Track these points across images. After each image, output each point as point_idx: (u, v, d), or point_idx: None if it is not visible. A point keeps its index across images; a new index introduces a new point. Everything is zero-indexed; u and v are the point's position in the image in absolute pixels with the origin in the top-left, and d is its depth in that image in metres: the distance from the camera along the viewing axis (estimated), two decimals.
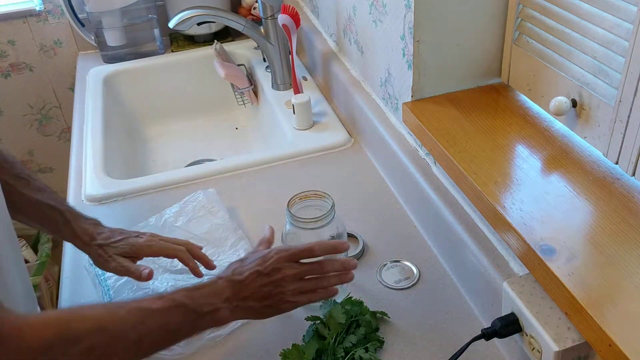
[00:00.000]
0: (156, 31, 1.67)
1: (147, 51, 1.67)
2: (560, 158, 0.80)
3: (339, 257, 0.82)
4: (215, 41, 1.57)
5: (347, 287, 0.88)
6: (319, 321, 0.85)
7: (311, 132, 1.29)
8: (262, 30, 1.41)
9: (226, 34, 1.73)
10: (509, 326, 0.71)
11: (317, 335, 0.83)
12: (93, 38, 1.68)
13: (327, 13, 1.41)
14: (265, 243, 0.83)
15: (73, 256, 1.02)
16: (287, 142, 1.28)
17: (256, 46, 1.58)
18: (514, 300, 0.70)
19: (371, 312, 0.86)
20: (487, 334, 0.73)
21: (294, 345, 0.82)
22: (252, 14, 1.71)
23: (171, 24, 1.34)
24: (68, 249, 1.04)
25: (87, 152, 1.27)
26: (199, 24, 1.39)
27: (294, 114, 1.29)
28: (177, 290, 0.71)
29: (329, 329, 0.82)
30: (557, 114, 0.80)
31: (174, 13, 1.35)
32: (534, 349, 0.68)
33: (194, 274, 0.89)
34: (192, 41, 1.72)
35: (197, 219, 1.04)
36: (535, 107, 0.90)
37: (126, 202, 1.14)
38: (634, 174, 0.72)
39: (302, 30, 1.54)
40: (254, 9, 1.70)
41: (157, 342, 0.69)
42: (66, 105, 1.85)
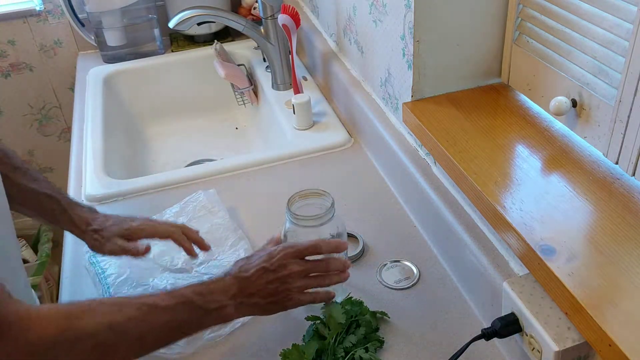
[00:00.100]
0: (156, 31, 1.67)
1: (147, 51, 1.67)
2: (560, 158, 0.80)
3: (337, 256, 0.82)
4: (215, 41, 1.57)
5: (347, 287, 0.88)
6: (319, 321, 0.85)
7: (311, 132, 1.29)
8: (262, 30, 1.41)
9: (226, 34, 1.73)
10: (509, 326, 0.71)
11: (317, 335, 0.83)
12: (93, 38, 1.68)
13: (327, 13, 1.41)
14: (272, 242, 0.84)
15: (73, 256, 1.02)
16: (287, 142, 1.28)
17: (256, 46, 1.58)
18: (514, 300, 0.70)
19: (371, 312, 0.86)
20: (487, 334, 0.73)
21: (294, 345, 0.82)
22: (252, 14, 1.71)
23: (171, 24, 1.34)
24: (68, 249, 1.05)
25: (87, 152, 1.27)
26: (199, 24, 1.39)
27: (294, 114, 1.29)
28: (185, 286, 0.71)
29: (329, 329, 0.82)
30: (557, 114, 0.80)
31: (174, 13, 1.35)
32: (534, 349, 0.68)
33: (188, 254, 0.91)
34: (192, 41, 1.72)
35: (198, 219, 1.04)
36: (535, 107, 0.90)
37: (126, 202, 1.14)
38: (634, 174, 0.72)
39: (302, 30, 1.54)
40: (254, 9, 1.71)
41: (162, 338, 0.69)
42: (66, 105, 1.85)
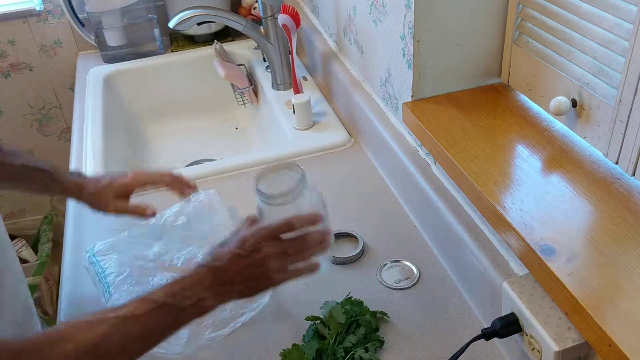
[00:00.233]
0: (156, 31, 1.67)
1: (147, 51, 1.67)
2: (560, 158, 0.80)
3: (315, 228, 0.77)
4: (215, 41, 1.57)
5: (328, 259, 0.83)
6: (319, 321, 0.85)
7: (311, 132, 1.29)
8: (262, 30, 1.41)
9: (226, 34, 1.73)
10: (509, 326, 0.71)
11: (317, 335, 0.83)
12: (93, 38, 1.68)
13: (327, 13, 1.41)
14: (248, 222, 0.78)
15: (73, 256, 1.02)
16: (287, 142, 1.28)
17: (256, 46, 1.58)
18: (514, 300, 0.70)
19: (371, 312, 0.86)
20: (487, 334, 0.73)
21: (294, 345, 0.82)
22: (252, 14, 1.71)
23: (171, 24, 1.34)
24: (68, 249, 1.05)
25: (87, 152, 1.27)
26: (199, 24, 1.39)
27: (294, 114, 1.29)
28: (156, 289, 0.69)
29: (329, 329, 0.82)
30: (557, 114, 0.80)
31: (174, 13, 1.35)
32: (534, 349, 0.68)
33: (181, 195, 0.99)
34: (192, 41, 1.72)
35: (198, 219, 1.04)
36: (535, 107, 0.90)
37: None
38: (634, 174, 0.72)
39: (302, 30, 1.54)
40: (254, 9, 1.71)
41: (142, 346, 0.68)
42: (66, 105, 1.85)
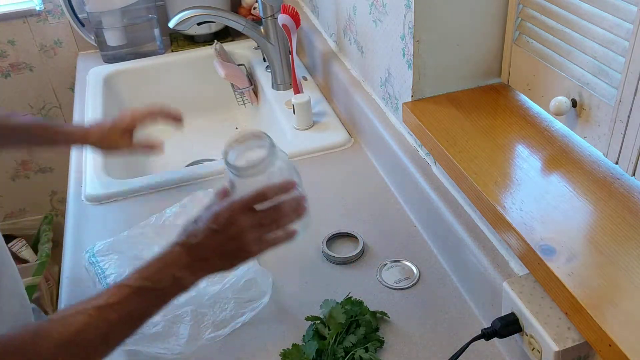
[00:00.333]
0: (156, 31, 1.67)
1: (147, 51, 1.67)
2: (560, 158, 0.80)
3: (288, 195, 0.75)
4: (215, 41, 1.57)
5: (305, 225, 0.79)
6: (319, 321, 0.85)
7: (311, 132, 1.29)
8: (262, 30, 1.41)
9: (226, 34, 1.73)
10: (509, 326, 0.71)
11: (317, 335, 0.83)
12: (93, 38, 1.68)
13: (327, 13, 1.41)
14: (220, 195, 0.76)
15: (73, 256, 1.02)
16: (287, 142, 1.28)
17: (256, 46, 1.58)
18: (514, 300, 0.70)
19: (371, 312, 0.86)
20: (487, 334, 0.73)
21: (294, 345, 0.82)
22: (252, 14, 1.71)
23: (171, 24, 1.34)
24: (68, 249, 1.05)
25: (87, 152, 1.27)
26: (199, 24, 1.39)
27: (294, 114, 1.29)
28: (131, 273, 0.68)
29: (329, 329, 0.82)
30: (557, 113, 0.80)
31: (174, 13, 1.35)
32: (534, 349, 0.68)
33: (174, 122, 1.08)
34: (192, 41, 1.72)
35: None
36: (535, 107, 0.90)
37: (126, 202, 1.14)
38: (634, 174, 0.72)
39: (302, 30, 1.54)
40: (254, 9, 1.71)
41: (125, 331, 0.67)
42: (66, 105, 1.85)
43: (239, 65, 1.58)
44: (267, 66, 1.50)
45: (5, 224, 2.01)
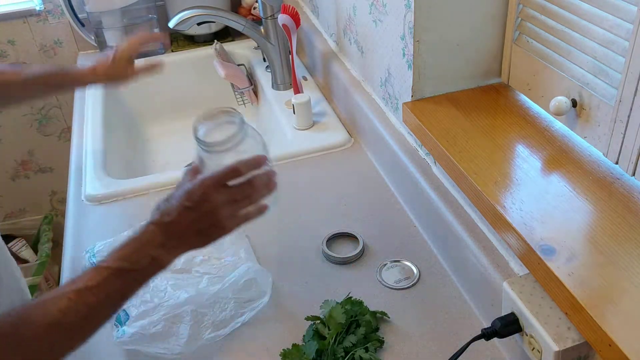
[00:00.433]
0: (156, 31, 1.67)
1: (147, 51, 1.67)
2: (560, 158, 0.80)
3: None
4: (215, 41, 1.57)
5: (275, 200, 0.80)
6: (319, 321, 0.85)
7: (311, 132, 1.29)
8: (262, 30, 1.41)
9: (226, 34, 1.73)
10: (509, 326, 0.71)
11: (317, 335, 0.83)
12: (93, 38, 1.68)
13: (327, 13, 1.41)
14: (190, 173, 0.76)
15: (73, 256, 1.02)
16: (287, 142, 1.28)
17: (256, 46, 1.58)
18: (514, 300, 0.70)
19: (371, 312, 0.86)
20: (487, 334, 0.73)
21: (294, 345, 0.82)
22: (252, 14, 1.71)
23: (171, 24, 1.34)
24: (68, 249, 1.05)
25: (87, 152, 1.27)
26: (199, 24, 1.39)
27: (294, 114, 1.29)
28: (108, 255, 0.68)
29: (329, 329, 0.82)
30: (557, 113, 0.80)
31: (174, 13, 1.35)
32: (534, 349, 0.68)
33: (165, 44, 1.13)
34: (192, 41, 1.72)
35: None
36: (535, 107, 0.90)
37: (126, 202, 1.14)
38: (634, 174, 0.72)
39: (302, 30, 1.54)
40: (254, 9, 1.70)
41: (105, 313, 0.68)
42: (66, 105, 1.85)
43: (239, 65, 1.58)
44: (267, 66, 1.50)
45: (5, 224, 2.01)
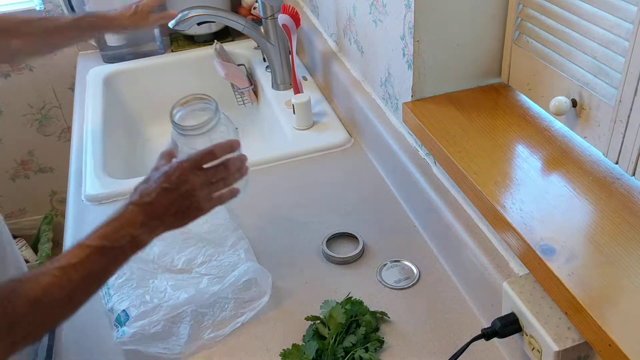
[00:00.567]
0: (156, 31, 1.67)
1: (147, 51, 1.67)
2: (560, 158, 0.80)
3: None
4: (215, 41, 1.57)
5: (245, 184, 0.86)
6: (319, 321, 0.85)
7: (311, 132, 1.29)
8: (262, 30, 1.41)
9: (226, 34, 1.73)
10: (509, 326, 0.71)
11: (317, 335, 0.83)
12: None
13: (327, 13, 1.41)
14: (166, 156, 0.81)
15: None
16: (287, 142, 1.28)
17: (256, 46, 1.58)
18: (514, 300, 0.70)
19: (371, 312, 0.86)
20: (487, 334, 0.73)
21: (294, 345, 0.82)
22: (252, 14, 1.71)
23: (171, 24, 1.34)
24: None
25: (87, 152, 1.27)
26: (199, 24, 1.39)
27: (294, 113, 1.29)
28: (90, 233, 0.70)
29: (329, 329, 0.82)
30: (557, 113, 0.80)
31: None
32: (534, 348, 0.68)
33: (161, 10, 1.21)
34: (192, 41, 1.72)
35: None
36: (535, 107, 0.90)
37: None
38: (634, 174, 0.72)
39: (302, 30, 1.54)
40: (254, 9, 1.71)
41: (88, 290, 0.69)
42: (66, 105, 1.85)
43: (239, 65, 1.58)
44: (267, 66, 1.50)
45: (6, 224, 2.01)
